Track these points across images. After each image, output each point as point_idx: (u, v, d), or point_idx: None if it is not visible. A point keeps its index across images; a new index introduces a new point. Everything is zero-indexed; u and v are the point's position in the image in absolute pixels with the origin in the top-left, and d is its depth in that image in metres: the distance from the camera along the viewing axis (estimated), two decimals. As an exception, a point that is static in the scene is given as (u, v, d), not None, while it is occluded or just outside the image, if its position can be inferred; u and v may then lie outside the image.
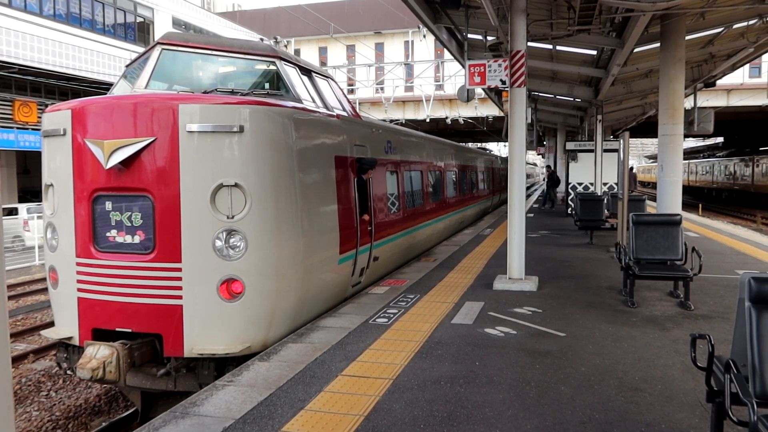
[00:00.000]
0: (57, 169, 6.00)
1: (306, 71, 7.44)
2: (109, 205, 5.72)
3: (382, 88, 34.34)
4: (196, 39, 6.95)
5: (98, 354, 5.48)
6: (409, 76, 35.08)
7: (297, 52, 42.01)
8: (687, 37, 10.26)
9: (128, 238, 5.69)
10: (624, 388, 4.45)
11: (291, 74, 6.91)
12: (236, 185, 5.53)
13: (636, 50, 12.16)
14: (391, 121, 29.52)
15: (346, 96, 8.71)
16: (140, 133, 5.51)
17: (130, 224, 5.68)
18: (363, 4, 41.25)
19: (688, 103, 13.60)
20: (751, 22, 10.93)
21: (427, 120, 32.51)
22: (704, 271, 7.12)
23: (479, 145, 48.33)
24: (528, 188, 35.47)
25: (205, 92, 6.16)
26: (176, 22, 29.72)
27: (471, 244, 12.64)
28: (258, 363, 5.11)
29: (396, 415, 3.98)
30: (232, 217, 5.54)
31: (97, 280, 5.77)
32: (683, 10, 9.20)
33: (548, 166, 29.65)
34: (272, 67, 6.81)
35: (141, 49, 26.67)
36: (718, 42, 12.91)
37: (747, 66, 22.92)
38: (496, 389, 4.43)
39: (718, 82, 17.19)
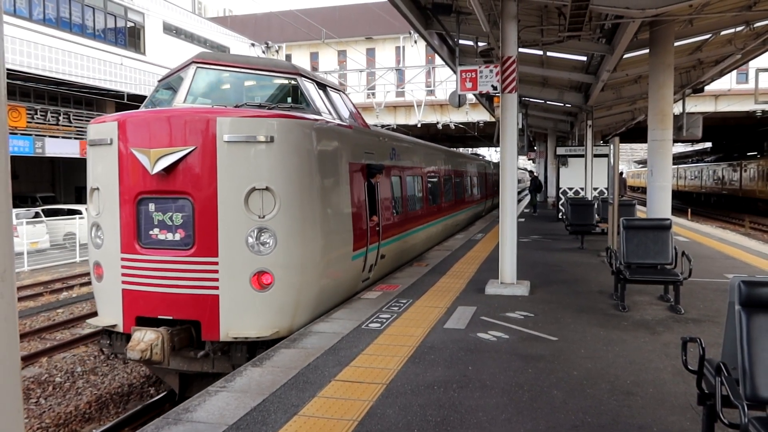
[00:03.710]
0: (102, 175, 6.63)
1: (322, 86, 8.14)
2: (152, 207, 6.35)
3: (373, 94, 34.41)
4: (226, 58, 7.81)
5: (145, 338, 6.02)
6: (401, 81, 35.19)
7: (288, 57, 41.94)
8: (676, 44, 10.37)
9: (169, 236, 6.32)
10: (616, 391, 4.48)
11: (310, 89, 7.63)
12: (267, 189, 6.20)
13: (625, 56, 12.27)
14: (383, 126, 29.53)
15: (355, 107, 9.34)
16: (182, 142, 6.16)
17: (171, 223, 6.31)
18: (354, 9, 41.32)
19: (677, 109, 13.74)
20: (738, 29, 11.06)
21: (419, 125, 32.56)
22: (694, 275, 7.17)
23: (471, 150, 48.47)
24: (519, 193, 35.73)
25: (236, 106, 6.83)
26: (167, 27, 29.65)
27: (463, 249, 12.67)
28: (251, 368, 5.09)
29: (390, 420, 3.98)
30: (263, 216, 6.19)
31: (141, 273, 6.40)
32: (672, 16, 9.31)
33: (531, 171, 30.18)
34: (293, 83, 7.54)
35: (132, 54, 26.64)
36: (706, 48, 13.06)
37: (734, 72, 23.19)
38: (489, 393, 4.44)
39: (707, 87, 17.34)
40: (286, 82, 7.58)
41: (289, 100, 7.44)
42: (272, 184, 6.18)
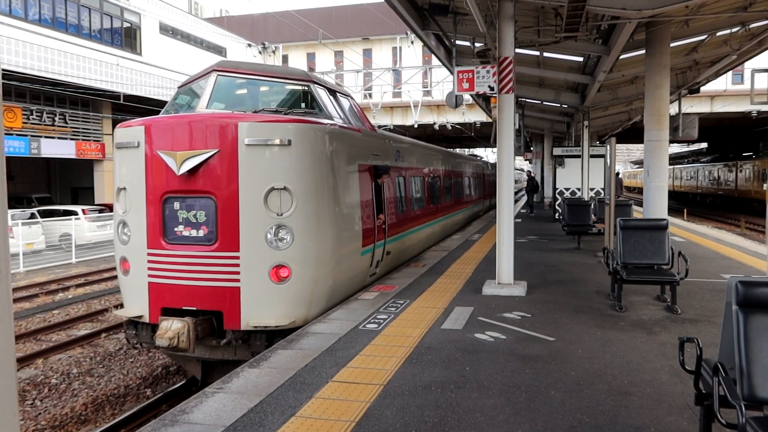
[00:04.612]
0: (129, 175, 7.03)
1: (332, 91, 8.58)
2: (177, 205, 6.77)
3: (370, 94, 34.38)
4: (244, 66, 8.21)
5: (173, 327, 6.45)
6: (397, 82, 35.16)
7: (285, 58, 41.89)
8: (672, 45, 10.39)
9: (194, 232, 6.74)
10: (613, 392, 4.48)
11: (322, 95, 8.08)
12: (285, 188, 6.60)
13: (622, 57, 12.29)
14: (380, 127, 29.49)
15: (362, 111, 9.67)
16: (206, 145, 6.56)
17: (195, 220, 6.72)
18: (351, 10, 41.28)
19: (673, 110, 13.79)
20: (734, 30, 11.09)
21: (415, 126, 32.55)
22: (690, 275, 7.19)
23: (468, 151, 48.50)
24: (516, 193, 35.79)
25: (254, 111, 7.20)
26: (163, 28, 29.57)
27: (460, 250, 12.67)
28: (248, 369, 5.08)
29: (387, 421, 3.97)
30: (281, 214, 6.60)
31: (167, 267, 6.81)
32: (668, 17, 9.33)
33: (528, 172, 30.28)
34: (306, 89, 7.99)
35: (128, 54, 26.57)
36: (702, 49, 13.10)
37: (730, 73, 23.25)
38: (486, 394, 4.44)
39: (702, 88, 17.42)
40: (300, 88, 8.02)
41: (303, 105, 7.85)
42: (290, 184, 6.58)
